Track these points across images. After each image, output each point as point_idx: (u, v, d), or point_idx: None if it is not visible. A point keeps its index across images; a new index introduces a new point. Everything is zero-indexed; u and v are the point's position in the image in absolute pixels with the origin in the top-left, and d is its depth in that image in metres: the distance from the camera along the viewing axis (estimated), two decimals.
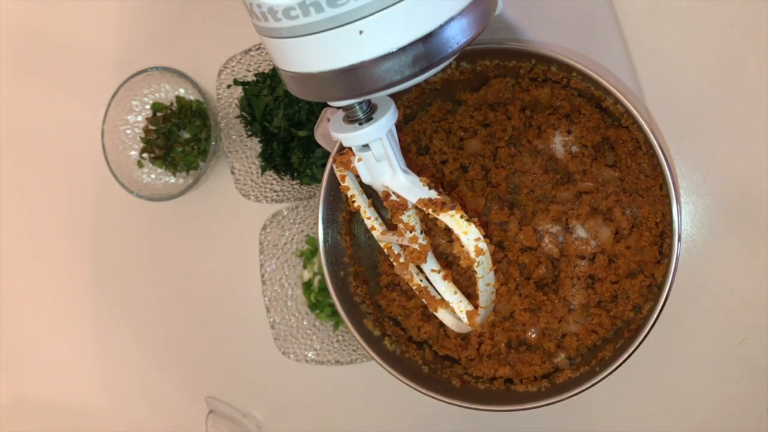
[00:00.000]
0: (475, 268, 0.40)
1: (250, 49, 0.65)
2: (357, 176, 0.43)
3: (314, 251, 0.67)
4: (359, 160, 0.42)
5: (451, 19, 0.36)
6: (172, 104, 0.70)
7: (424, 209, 0.40)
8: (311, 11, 0.34)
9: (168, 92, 0.70)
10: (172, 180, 0.70)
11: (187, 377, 0.73)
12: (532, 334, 0.55)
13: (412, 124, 0.58)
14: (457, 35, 0.36)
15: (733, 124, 0.59)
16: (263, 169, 0.66)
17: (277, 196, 0.65)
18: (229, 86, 0.66)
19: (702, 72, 0.59)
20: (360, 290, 0.57)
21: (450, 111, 0.58)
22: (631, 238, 0.51)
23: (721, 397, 0.61)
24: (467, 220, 0.39)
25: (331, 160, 0.52)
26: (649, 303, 0.51)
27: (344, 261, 0.57)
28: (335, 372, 0.67)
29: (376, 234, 0.46)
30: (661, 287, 0.50)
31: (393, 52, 0.35)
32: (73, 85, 0.74)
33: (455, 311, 0.45)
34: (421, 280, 0.48)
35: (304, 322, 0.67)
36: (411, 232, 0.44)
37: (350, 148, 0.42)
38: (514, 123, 0.55)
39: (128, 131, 0.70)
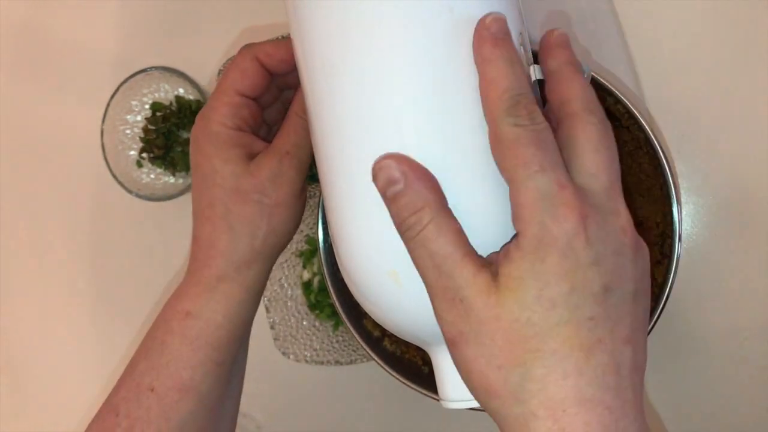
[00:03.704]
0: None
1: None
2: None
3: (314, 251, 0.66)
4: None
5: None
6: (171, 104, 0.69)
7: None
8: None
9: (167, 92, 0.70)
10: (172, 180, 0.70)
11: None
12: None
13: None
14: None
15: (734, 124, 0.59)
16: None
17: None
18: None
19: (703, 72, 0.59)
20: None
21: None
22: None
23: (721, 397, 0.61)
24: None
25: None
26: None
27: None
28: (335, 372, 0.67)
29: None
30: (661, 287, 0.50)
31: None
32: (73, 84, 0.73)
33: None
34: None
35: (304, 323, 0.67)
36: None
37: None
38: None
39: (127, 131, 0.70)
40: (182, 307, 0.45)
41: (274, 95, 0.49)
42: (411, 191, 0.33)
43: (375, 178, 0.34)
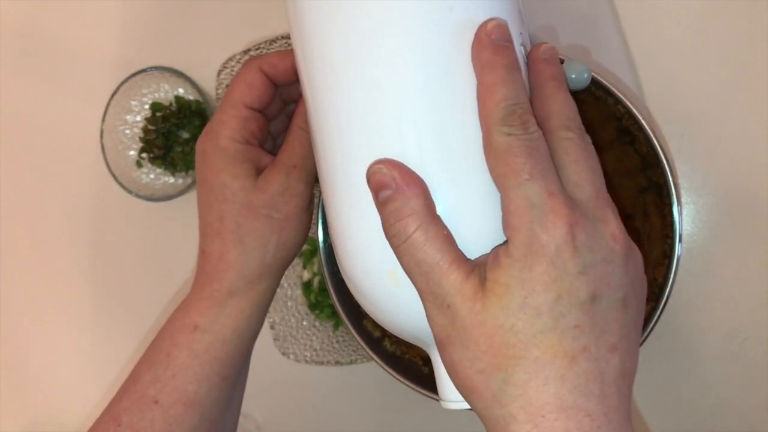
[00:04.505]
0: None
1: (249, 49, 0.65)
2: None
3: (314, 251, 0.66)
4: None
5: None
6: (171, 104, 0.69)
7: None
8: None
9: (167, 92, 0.70)
10: (171, 180, 0.70)
11: None
12: None
13: None
14: None
15: (734, 124, 0.59)
16: None
17: None
18: (228, 86, 0.66)
19: (703, 72, 0.59)
20: None
21: None
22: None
23: (721, 397, 0.61)
24: None
25: None
26: (649, 303, 0.51)
27: None
28: (335, 372, 0.67)
29: None
30: (661, 287, 0.50)
31: None
32: (72, 85, 0.73)
33: None
34: None
35: (304, 323, 0.67)
36: None
37: None
38: None
39: (127, 131, 0.70)
40: (190, 320, 0.45)
41: (278, 107, 0.49)
42: (400, 197, 0.33)
43: (368, 182, 0.35)
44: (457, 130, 0.35)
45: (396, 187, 0.34)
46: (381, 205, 0.34)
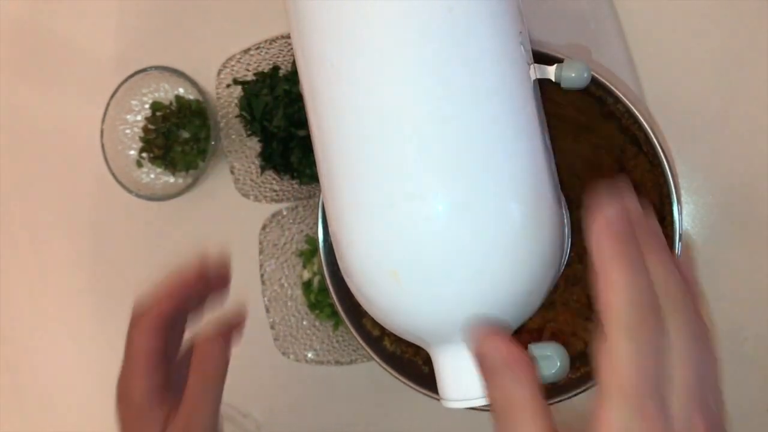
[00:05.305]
0: None
1: (249, 49, 0.65)
2: None
3: (314, 251, 0.66)
4: None
5: None
6: (171, 104, 0.69)
7: None
8: None
9: (167, 92, 0.70)
10: (172, 180, 0.70)
11: None
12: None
13: None
14: None
15: (735, 124, 0.59)
16: (263, 169, 0.66)
17: (277, 195, 0.65)
18: (228, 86, 0.66)
19: (703, 71, 0.59)
20: None
21: None
22: None
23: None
24: None
25: None
26: None
27: None
28: (335, 372, 0.67)
29: None
30: None
31: None
32: (72, 84, 0.74)
33: None
34: None
35: (304, 322, 0.66)
36: None
37: None
38: None
39: (127, 131, 0.70)
40: None
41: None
42: (509, 379, 0.33)
43: (476, 346, 0.34)
44: (460, 130, 0.35)
45: (506, 366, 0.33)
46: (488, 374, 0.34)
